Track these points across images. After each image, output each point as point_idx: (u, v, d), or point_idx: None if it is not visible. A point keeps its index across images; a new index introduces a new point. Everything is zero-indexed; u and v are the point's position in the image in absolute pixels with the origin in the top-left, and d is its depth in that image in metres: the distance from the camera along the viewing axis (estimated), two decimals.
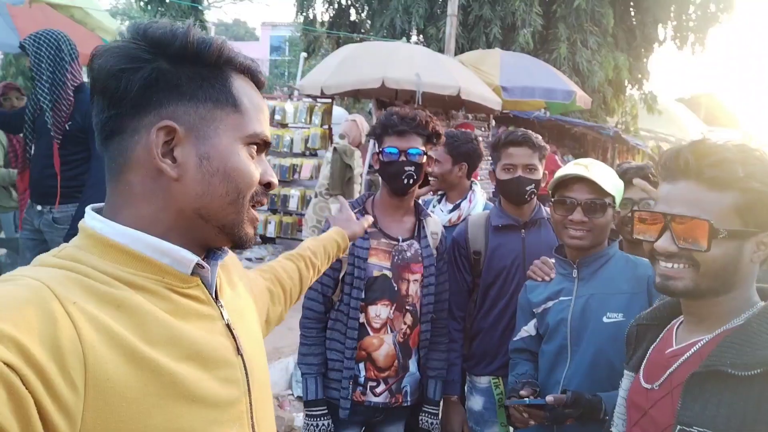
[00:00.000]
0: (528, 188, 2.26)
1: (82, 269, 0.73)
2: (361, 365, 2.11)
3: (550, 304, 1.90)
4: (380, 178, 2.20)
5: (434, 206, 2.90)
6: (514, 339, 2.05)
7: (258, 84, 0.90)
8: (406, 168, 2.05)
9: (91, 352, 0.66)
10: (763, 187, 1.06)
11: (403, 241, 2.16)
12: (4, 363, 0.57)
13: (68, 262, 0.74)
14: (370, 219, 1.94)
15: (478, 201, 2.84)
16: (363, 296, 2.09)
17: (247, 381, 0.87)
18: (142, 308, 0.74)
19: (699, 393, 1.06)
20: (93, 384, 0.65)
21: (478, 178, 4.34)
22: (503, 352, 2.30)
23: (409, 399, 2.18)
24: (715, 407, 1.03)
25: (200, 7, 12.54)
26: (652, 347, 1.28)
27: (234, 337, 0.87)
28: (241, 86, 0.85)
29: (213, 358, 0.80)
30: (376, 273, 2.10)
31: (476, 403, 2.43)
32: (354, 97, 9.89)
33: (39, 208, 3.23)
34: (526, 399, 1.67)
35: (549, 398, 1.61)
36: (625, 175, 2.09)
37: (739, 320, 1.11)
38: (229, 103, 0.83)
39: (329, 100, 7.55)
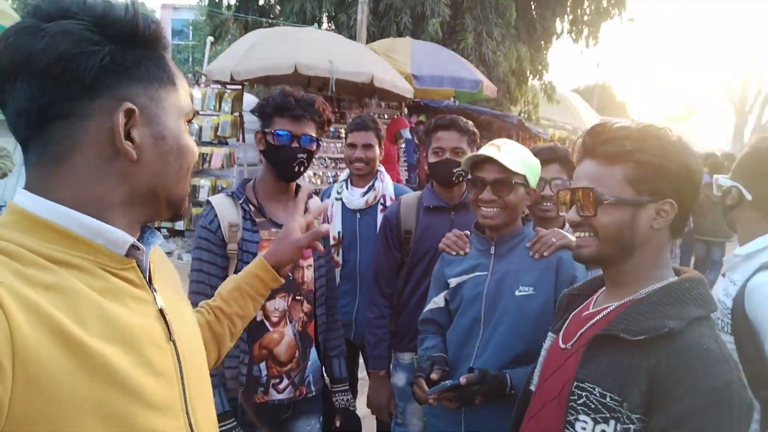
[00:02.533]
0: (455, 170, 2.31)
1: (8, 248, 0.71)
2: (262, 365, 1.97)
3: (465, 278, 1.94)
4: (264, 161, 2.06)
5: (340, 192, 2.88)
6: (425, 311, 2.08)
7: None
8: (299, 155, 1.95)
9: (19, 334, 0.64)
10: (653, 159, 1.15)
11: None
12: None
13: None
14: (325, 227, 1.69)
15: (388, 181, 2.91)
16: None
17: (180, 368, 0.86)
18: (73, 288, 0.72)
19: (596, 354, 1.16)
20: (22, 368, 0.63)
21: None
22: None
23: (313, 389, 2.09)
24: (605, 367, 1.13)
25: None
26: (573, 312, 1.39)
27: (166, 323, 0.86)
28: (172, 66, 0.87)
29: (144, 342, 0.79)
30: None
31: (400, 379, 2.50)
32: (264, 84, 9.65)
33: None
34: (446, 383, 1.68)
35: (462, 379, 1.66)
36: (538, 156, 2.16)
37: (645, 291, 1.20)
38: (170, 82, 0.85)
39: (239, 87, 7.34)
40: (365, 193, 2.82)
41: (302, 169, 1.99)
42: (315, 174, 7.33)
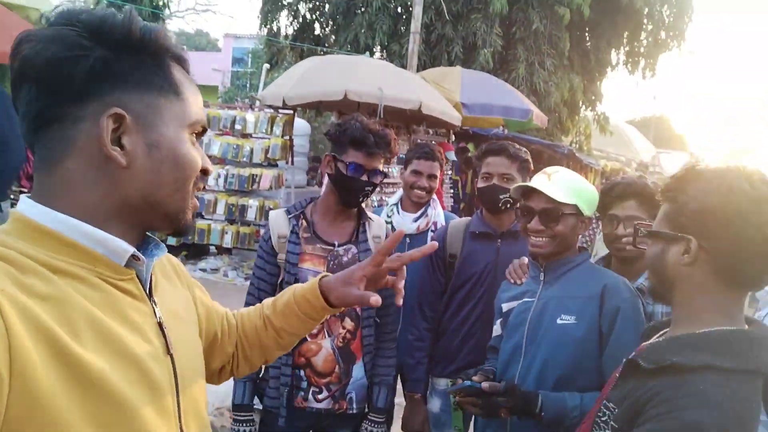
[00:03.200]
0: (502, 196, 2.29)
1: (8, 255, 0.71)
2: (302, 372, 2.07)
3: (514, 304, 1.94)
4: (329, 182, 2.15)
5: (390, 215, 2.90)
6: (492, 341, 2.10)
7: (187, 72, 0.91)
8: (366, 187, 2.06)
9: (17, 341, 0.64)
10: (684, 197, 1.18)
11: (340, 245, 2.12)
12: None
13: None
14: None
15: (440, 209, 2.92)
16: None
17: (176, 382, 0.86)
18: (69, 299, 0.72)
19: (627, 376, 1.22)
20: (19, 373, 0.64)
21: None
22: (462, 355, 2.37)
23: (354, 406, 2.12)
24: (627, 390, 1.19)
25: (162, 15, 12.38)
26: None
27: (165, 336, 0.86)
28: (180, 74, 0.86)
29: (140, 355, 0.78)
30: (310, 278, 2.01)
31: (435, 405, 2.47)
32: (316, 109, 9.91)
33: None
34: (460, 384, 1.70)
35: (484, 385, 1.65)
36: (612, 191, 2.07)
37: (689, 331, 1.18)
38: (172, 91, 0.84)
39: (291, 112, 7.55)
40: (418, 218, 2.83)
41: (366, 198, 2.12)
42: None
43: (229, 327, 1.21)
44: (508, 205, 2.31)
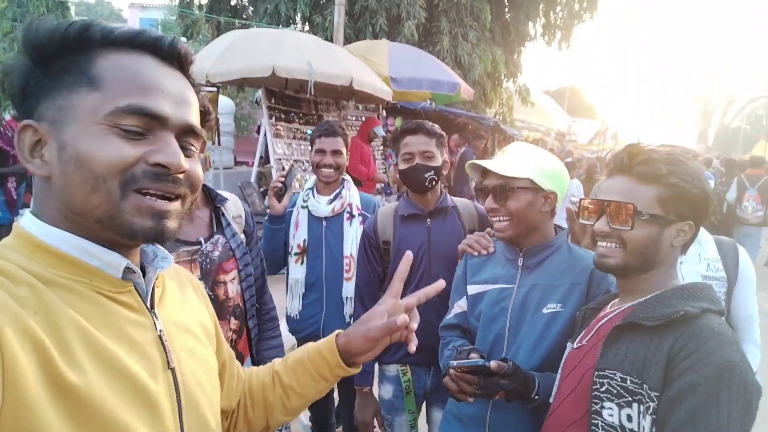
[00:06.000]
0: (427, 175, 2.26)
1: (6, 267, 0.70)
2: None
3: (486, 288, 1.84)
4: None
5: (306, 200, 2.81)
6: (448, 317, 1.98)
7: (165, 54, 0.80)
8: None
9: (9, 352, 0.63)
10: (682, 183, 1.26)
11: (207, 240, 1.84)
12: None
13: None
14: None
15: (354, 190, 2.86)
16: None
17: (178, 398, 0.81)
18: (61, 314, 0.70)
19: (614, 343, 1.26)
20: (11, 385, 0.62)
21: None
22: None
23: None
24: (623, 353, 1.22)
25: None
26: (594, 318, 1.48)
27: (165, 350, 0.81)
28: (114, 62, 0.75)
29: (133, 371, 0.74)
30: None
31: (387, 391, 2.44)
32: (239, 86, 9.49)
33: None
34: (471, 360, 1.58)
35: (493, 363, 1.54)
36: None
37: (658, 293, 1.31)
38: (84, 84, 0.74)
39: (214, 89, 7.17)
40: (332, 200, 2.76)
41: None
42: (299, 178, 7.22)
43: (238, 373, 1.11)
44: (434, 182, 2.30)
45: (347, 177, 2.88)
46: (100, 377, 0.70)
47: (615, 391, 1.21)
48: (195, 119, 0.82)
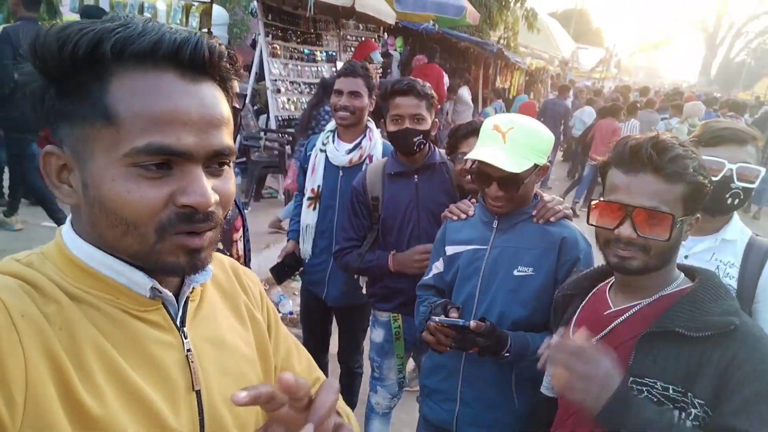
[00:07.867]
0: (416, 139, 2.24)
1: (37, 280, 0.70)
2: None
3: (462, 248, 1.89)
4: None
5: (325, 143, 2.69)
6: (425, 277, 2.03)
7: (187, 63, 0.70)
8: None
9: (34, 370, 0.63)
10: (704, 180, 1.23)
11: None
12: None
13: (26, 270, 0.71)
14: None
15: (377, 139, 2.71)
16: None
17: (201, 421, 0.78)
18: (83, 333, 0.69)
19: (649, 349, 1.21)
20: (33, 403, 0.62)
21: None
22: (404, 290, 2.35)
23: None
24: (664, 361, 1.19)
25: None
26: (580, 307, 1.44)
27: (191, 371, 0.78)
28: (127, 89, 0.67)
29: (150, 396, 0.72)
30: None
31: (377, 335, 2.54)
32: None
33: None
34: (453, 319, 1.66)
35: (472, 323, 1.61)
36: (458, 132, 2.32)
37: (671, 288, 1.29)
38: (99, 117, 0.67)
39: (208, 0, 6.80)
40: (351, 150, 2.63)
41: None
42: (289, 100, 7.04)
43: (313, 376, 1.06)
44: (422, 146, 2.29)
45: (372, 125, 2.70)
46: (116, 401, 0.68)
47: (655, 399, 1.18)
48: (224, 140, 0.73)
